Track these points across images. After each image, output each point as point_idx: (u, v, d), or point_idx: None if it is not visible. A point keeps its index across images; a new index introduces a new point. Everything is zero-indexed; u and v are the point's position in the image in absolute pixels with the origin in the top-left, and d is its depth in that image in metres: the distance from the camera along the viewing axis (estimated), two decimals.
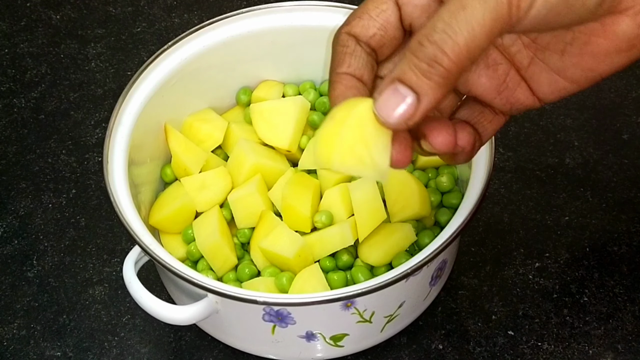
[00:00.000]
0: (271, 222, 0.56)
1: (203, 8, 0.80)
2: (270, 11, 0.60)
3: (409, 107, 0.37)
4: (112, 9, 0.80)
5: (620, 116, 0.69)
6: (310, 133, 0.62)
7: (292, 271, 0.55)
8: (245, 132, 0.61)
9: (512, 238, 0.63)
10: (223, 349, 0.58)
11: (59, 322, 0.60)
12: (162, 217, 0.57)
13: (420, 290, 0.55)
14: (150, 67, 0.58)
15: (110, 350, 0.59)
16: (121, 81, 0.74)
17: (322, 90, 0.64)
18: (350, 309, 0.50)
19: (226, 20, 0.60)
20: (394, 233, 0.55)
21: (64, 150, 0.69)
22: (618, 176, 0.66)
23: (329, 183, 0.58)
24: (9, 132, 0.71)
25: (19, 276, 0.62)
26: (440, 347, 0.58)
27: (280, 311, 0.50)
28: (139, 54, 0.76)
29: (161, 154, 0.61)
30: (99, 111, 0.72)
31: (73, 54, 0.76)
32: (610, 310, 0.59)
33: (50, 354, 0.59)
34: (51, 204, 0.66)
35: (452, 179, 0.58)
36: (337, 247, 0.55)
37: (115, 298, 0.61)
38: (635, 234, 0.63)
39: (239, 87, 0.64)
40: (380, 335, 0.56)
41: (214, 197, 0.58)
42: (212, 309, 0.50)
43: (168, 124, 0.60)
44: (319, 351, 0.55)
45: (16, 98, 0.73)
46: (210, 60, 0.60)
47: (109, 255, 0.63)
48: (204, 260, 0.56)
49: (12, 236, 0.65)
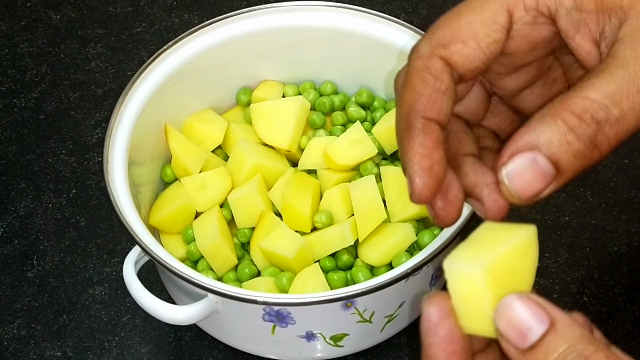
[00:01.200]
0: (271, 222, 0.56)
1: (203, 8, 0.80)
2: (270, 11, 0.60)
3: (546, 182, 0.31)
4: (112, 9, 0.80)
5: None
6: (310, 133, 0.62)
7: (292, 271, 0.55)
8: (245, 132, 0.61)
9: None
10: (223, 349, 0.58)
11: (59, 322, 0.60)
12: (162, 217, 0.57)
13: (420, 290, 0.55)
14: (150, 67, 0.58)
15: (110, 350, 0.59)
16: (121, 81, 0.74)
17: (322, 90, 0.64)
18: (350, 309, 0.50)
19: (226, 20, 0.60)
20: (394, 233, 0.55)
21: (64, 150, 0.69)
22: (618, 176, 0.66)
23: (329, 183, 0.58)
24: (9, 132, 0.71)
25: (19, 276, 0.62)
26: None
27: (280, 311, 0.50)
28: (139, 54, 0.76)
29: (161, 154, 0.61)
30: (99, 111, 0.72)
31: (73, 54, 0.76)
32: (610, 310, 0.59)
33: (50, 354, 0.59)
34: (51, 204, 0.66)
35: None
36: (337, 247, 0.55)
37: (115, 298, 0.61)
38: (635, 234, 0.63)
39: (239, 87, 0.64)
40: (380, 335, 0.56)
41: (214, 197, 0.58)
42: (212, 309, 0.50)
43: (168, 124, 0.60)
44: (319, 351, 0.55)
45: (16, 98, 0.73)
46: (210, 60, 0.60)
47: (109, 255, 0.63)
48: (204, 260, 0.56)
49: (12, 236, 0.65)
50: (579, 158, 0.31)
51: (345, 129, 0.61)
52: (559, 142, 0.30)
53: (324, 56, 0.63)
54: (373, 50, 0.61)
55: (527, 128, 0.31)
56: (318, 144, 0.59)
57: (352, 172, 0.59)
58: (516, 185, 0.31)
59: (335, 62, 0.63)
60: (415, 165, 0.32)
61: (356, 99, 0.64)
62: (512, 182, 0.31)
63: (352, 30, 0.60)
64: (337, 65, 0.63)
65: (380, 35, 0.60)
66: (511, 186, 0.31)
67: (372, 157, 0.58)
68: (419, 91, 0.33)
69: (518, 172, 0.31)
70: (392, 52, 0.59)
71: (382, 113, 0.62)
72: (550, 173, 0.31)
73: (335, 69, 0.64)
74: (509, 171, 0.31)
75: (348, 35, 0.60)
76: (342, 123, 0.62)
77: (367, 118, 0.63)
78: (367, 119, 0.63)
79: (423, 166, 0.32)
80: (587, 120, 0.30)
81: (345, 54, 0.62)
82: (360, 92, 0.63)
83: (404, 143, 0.33)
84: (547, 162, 0.30)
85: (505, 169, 0.31)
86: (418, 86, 0.33)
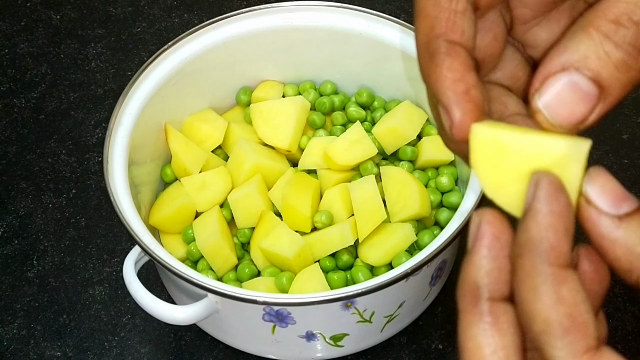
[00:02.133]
0: (271, 222, 0.56)
1: (203, 8, 0.80)
2: (270, 11, 0.60)
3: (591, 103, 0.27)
4: (112, 9, 0.80)
5: (620, 116, 0.69)
6: (310, 133, 0.62)
7: (292, 271, 0.55)
8: (245, 132, 0.61)
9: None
10: (223, 349, 0.58)
11: (59, 322, 0.60)
12: (162, 217, 0.57)
13: (420, 290, 0.55)
14: (150, 67, 0.58)
15: (110, 350, 0.59)
16: (121, 81, 0.74)
17: (322, 90, 0.64)
18: (350, 309, 0.50)
19: (226, 20, 0.60)
20: (394, 233, 0.55)
21: (64, 150, 0.69)
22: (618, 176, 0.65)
23: (329, 183, 0.58)
24: (9, 132, 0.71)
25: (19, 276, 0.63)
26: (440, 347, 0.58)
27: (280, 311, 0.50)
28: (139, 54, 0.76)
29: (161, 154, 0.61)
30: (99, 111, 0.72)
31: (73, 54, 0.76)
32: (610, 310, 0.59)
33: (50, 354, 0.59)
34: (51, 204, 0.66)
35: (452, 179, 0.58)
36: (337, 247, 0.55)
37: (115, 298, 0.61)
38: None
39: (239, 87, 0.64)
40: (380, 335, 0.56)
41: (214, 197, 0.58)
42: (212, 309, 0.50)
43: (168, 124, 0.60)
44: (319, 351, 0.55)
45: (16, 98, 0.73)
46: (210, 60, 0.60)
47: (109, 255, 0.63)
48: (204, 260, 0.56)
49: (12, 236, 0.65)
50: (622, 70, 0.27)
51: (345, 129, 0.61)
52: (596, 54, 0.27)
53: (324, 56, 0.63)
54: (373, 50, 0.61)
55: (558, 48, 0.27)
56: (318, 144, 0.59)
57: (352, 172, 0.59)
58: (556, 113, 0.27)
59: (335, 62, 0.63)
60: (448, 91, 0.28)
61: (356, 99, 0.64)
62: (550, 110, 0.27)
63: (352, 30, 0.60)
64: (337, 65, 0.63)
65: (380, 35, 0.60)
66: (550, 115, 0.27)
67: (372, 157, 0.58)
68: (434, 15, 0.29)
69: (556, 98, 0.27)
70: (392, 52, 0.59)
71: (382, 113, 0.62)
72: (593, 93, 0.27)
73: (335, 69, 0.64)
74: (544, 98, 0.27)
75: (348, 35, 0.60)
76: (342, 123, 0.62)
77: (367, 118, 0.63)
78: (367, 119, 0.63)
79: (458, 91, 0.28)
80: (625, 22, 0.26)
81: (345, 54, 0.62)
82: (360, 92, 0.63)
83: (430, 74, 0.29)
84: (586, 81, 0.27)
85: (540, 97, 0.27)
86: (432, 11, 0.29)
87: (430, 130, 0.61)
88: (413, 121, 0.60)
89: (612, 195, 0.27)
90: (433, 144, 0.60)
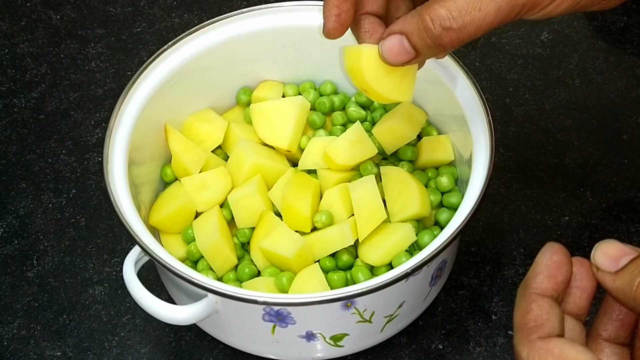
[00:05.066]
0: (271, 222, 0.56)
1: (203, 8, 0.80)
2: (270, 11, 0.60)
3: (408, 57, 0.44)
4: (112, 9, 0.80)
5: (620, 116, 0.69)
6: (310, 133, 0.62)
7: (292, 271, 0.55)
8: (245, 132, 0.61)
9: (512, 238, 0.63)
10: (223, 349, 0.58)
11: (59, 322, 0.60)
12: (162, 217, 0.57)
13: (420, 290, 0.55)
14: (150, 67, 0.58)
15: (110, 350, 0.59)
16: (121, 81, 0.74)
17: (322, 90, 0.64)
18: (350, 309, 0.50)
19: (226, 20, 0.60)
20: (394, 233, 0.55)
21: (64, 150, 0.69)
22: (618, 176, 0.66)
23: (329, 183, 0.58)
24: (9, 132, 0.71)
25: (19, 276, 0.63)
26: (440, 347, 0.58)
27: (280, 311, 0.50)
28: (139, 54, 0.76)
29: (161, 154, 0.61)
30: (99, 111, 0.72)
31: (73, 54, 0.76)
32: None
33: (50, 354, 0.59)
34: (51, 204, 0.66)
35: (452, 179, 0.58)
36: (337, 247, 0.55)
37: (115, 298, 0.61)
38: (635, 234, 0.63)
39: (239, 87, 0.64)
40: (380, 335, 0.56)
41: (214, 197, 0.58)
42: (212, 309, 0.50)
43: (168, 124, 0.60)
44: (319, 351, 0.55)
45: (16, 98, 0.73)
46: (210, 60, 0.60)
47: (109, 255, 0.63)
48: (204, 260, 0.56)
49: (12, 236, 0.65)
50: (429, 48, 0.43)
51: (345, 129, 0.61)
52: (418, 35, 0.43)
53: (324, 56, 0.63)
54: None
55: (404, 17, 0.44)
56: (318, 144, 0.59)
57: (352, 172, 0.59)
58: (387, 55, 0.45)
59: (335, 62, 0.63)
60: (327, 12, 0.46)
61: (356, 99, 0.64)
62: (385, 53, 0.45)
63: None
64: (337, 65, 0.63)
65: None
66: (384, 55, 0.45)
67: (372, 157, 0.58)
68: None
69: (389, 46, 0.44)
70: None
71: (382, 113, 0.62)
72: (411, 52, 0.44)
73: (335, 69, 0.64)
74: (384, 45, 0.45)
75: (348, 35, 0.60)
76: (342, 123, 0.62)
77: (367, 118, 0.63)
78: (367, 119, 0.63)
79: (333, 13, 0.46)
80: (437, 25, 0.42)
81: None
82: (360, 92, 0.63)
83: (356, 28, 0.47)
84: (409, 45, 0.44)
85: (382, 44, 0.45)
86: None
87: (430, 131, 0.61)
88: (413, 121, 0.60)
89: (611, 257, 0.38)
90: (433, 144, 0.60)
